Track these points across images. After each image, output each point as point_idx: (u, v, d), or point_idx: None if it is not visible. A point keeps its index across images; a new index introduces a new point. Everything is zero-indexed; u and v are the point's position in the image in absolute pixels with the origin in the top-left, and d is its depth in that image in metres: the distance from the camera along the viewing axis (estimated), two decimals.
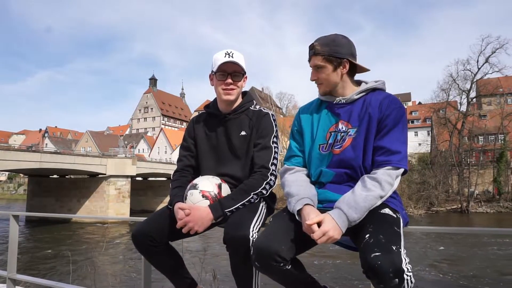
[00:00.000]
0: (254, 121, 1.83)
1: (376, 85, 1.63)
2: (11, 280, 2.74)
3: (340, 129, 1.59)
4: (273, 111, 1.87)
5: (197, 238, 8.34)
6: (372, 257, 1.21)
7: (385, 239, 1.27)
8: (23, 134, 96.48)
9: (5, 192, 78.05)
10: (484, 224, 28.47)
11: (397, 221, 1.43)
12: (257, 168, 1.76)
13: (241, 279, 1.60)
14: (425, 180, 37.06)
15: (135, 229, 1.71)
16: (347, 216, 1.38)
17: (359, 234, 1.37)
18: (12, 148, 32.69)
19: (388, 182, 1.44)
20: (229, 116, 1.87)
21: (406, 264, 1.22)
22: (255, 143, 1.81)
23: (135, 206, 37.20)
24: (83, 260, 12.89)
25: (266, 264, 1.39)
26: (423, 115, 58.56)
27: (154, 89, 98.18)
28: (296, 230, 1.46)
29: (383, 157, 1.49)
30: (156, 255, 1.72)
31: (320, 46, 1.58)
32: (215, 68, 1.79)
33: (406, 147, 1.53)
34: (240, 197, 1.67)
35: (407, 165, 1.51)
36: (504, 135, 39.29)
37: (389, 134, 1.51)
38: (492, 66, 38.05)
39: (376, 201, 1.42)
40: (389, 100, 1.56)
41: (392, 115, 1.52)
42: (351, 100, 1.60)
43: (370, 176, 1.47)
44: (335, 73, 1.59)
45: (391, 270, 1.18)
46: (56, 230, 25.36)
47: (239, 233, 1.49)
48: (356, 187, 1.46)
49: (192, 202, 1.66)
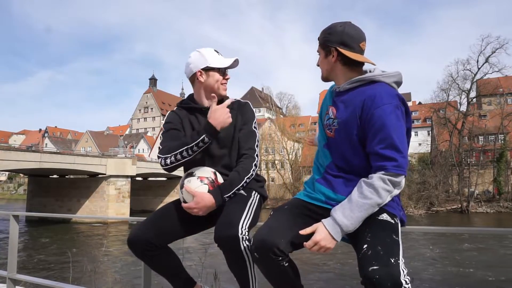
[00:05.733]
0: (236, 109, 1.87)
1: (374, 77, 1.50)
2: (11, 280, 2.74)
3: (330, 116, 1.60)
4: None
5: (197, 238, 8.33)
6: (370, 271, 1.20)
7: (383, 251, 1.25)
8: (23, 134, 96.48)
9: (5, 192, 78.05)
10: (484, 224, 28.47)
11: (395, 227, 1.40)
12: (244, 150, 1.81)
13: (237, 273, 1.64)
14: (425, 180, 37.07)
15: (131, 234, 1.69)
16: (341, 226, 1.36)
17: (356, 240, 1.37)
18: (12, 148, 32.67)
19: (386, 190, 1.38)
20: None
21: (404, 277, 1.21)
22: (240, 128, 1.85)
23: (135, 206, 37.19)
24: (83, 260, 12.88)
25: (264, 256, 1.40)
26: (423, 115, 58.52)
27: (154, 89, 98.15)
28: (296, 225, 1.46)
29: (377, 162, 1.40)
30: (154, 258, 1.73)
31: (320, 33, 1.61)
32: (219, 65, 1.84)
33: (402, 150, 1.39)
34: (236, 182, 1.72)
35: (405, 170, 1.40)
36: (504, 135, 39.31)
37: (378, 136, 1.40)
38: (492, 66, 38.18)
39: (373, 209, 1.39)
40: (377, 97, 1.43)
41: (377, 115, 1.40)
42: (343, 89, 1.57)
43: (367, 182, 1.40)
44: (326, 60, 1.59)
45: (390, 285, 1.17)
46: (56, 230, 25.37)
47: (229, 233, 1.52)
48: (353, 194, 1.41)
49: (191, 187, 1.68)
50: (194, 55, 1.87)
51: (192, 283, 1.84)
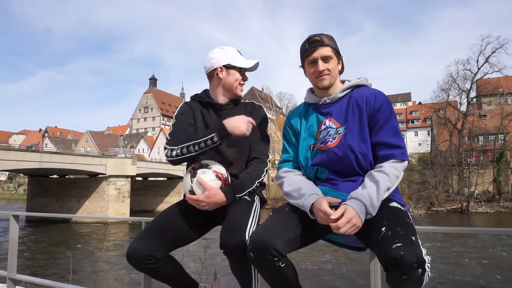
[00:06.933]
0: (249, 112, 1.86)
1: (359, 82, 1.67)
2: (11, 280, 2.74)
3: (327, 127, 1.61)
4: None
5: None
6: (394, 248, 1.20)
7: (403, 231, 1.27)
8: (23, 134, 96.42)
9: (5, 192, 78.01)
10: (484, 224, 28.46)
11: (407, 213, 1.44)
12: (256, 154, 1.81)
13: (241, 277, 1.62)
14: (425, 180, 37.02)
15: (130, 249, 1.61)
16: (366, 206, 1.37)
17: (371, 229, 1.36)
18: (12, 148, 32.66)
19: (395, 175, 1.47)
20: (225, 106, 1.89)
21: (425, 255, 1.22)
22: (252, 132, 1.81)
23: (135, 206, 37.19)
24: (83, 260, 12.87)
25: (261, 257, 1.39)
26: (423, 115, 58.57)
27: (154, 89, 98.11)
28: (295, 226, 1.46)
29: (387, 151, 1.51)
30: (155, 270, 1.67)
31: (328, 39, 1.62)
32: (241, 65, 1.86)
33: (403, 139, 1.56)
34: (248, 185, 1.72)
35: (408, 157, 1.54)
36: (504, 135, 39.26)
37: (385, 128, 1.54)
38: (492, 66, 38.07)
39: (386, 194, 1.44)
40: (375, 95, 1.59)
41: (383, 109, 1.56)
42: (336, 99, 1.64)
43: (377, 170, 1.48)
44: (337, 67, 1.66)
45: (415, 261, 1.17)
46: (56, 230, 25.35)
47: (235, 240, 1.49)
48: (366, 182, 1.46)
49: (205, 180, 1.64)
50: (217, 51, 1.86)
51: (195, 285, 1.83)
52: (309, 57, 1.63)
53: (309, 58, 1.63)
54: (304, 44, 1.65)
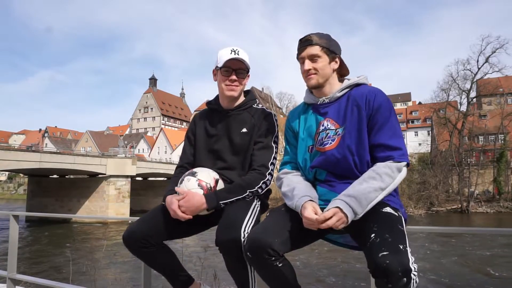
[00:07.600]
0: (256, 119, 1.83)
1: (358, 80, 1.64)
2: (11, 280, 2.74)
3: (326, 128, 1.60)
4: (274, 111, 1.84)
5: (197, 238, 8.31)
6: (380, 257, 1.20)
7: (391, 238, 1.27)
8: (23, 134, 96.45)
9: (5, 192, 78.04)
10: (484, 224, 28.45)
11: (400, 219, 1.43)
12: (256, 166, 1.76)
13: (236, 275, 1.62)
14: (425, 180, 37.03)
15: (126, 231, 1.67)
16: (351, 207, 1.36)
17: (363, 233, 1.36)
18: (12, 148, 32.66)
19: (387, 174, 1.44)
20: (231, 112, 1.87)
21: (412, 263, 1.22)
22: (256, 141, 1.80)
23: (135, 206, 37.17)
24: (83, 260, 12.89)
25: (258, 256, 1.38)
26: (423, 115, 58.58)
27: (154, 89, 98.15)
28: (292, 225, 1.46)
29: (386, 152, 1.49)
30: (149, 255, 1.70)
31: (318, 37, 1.61)
32: (220, 64, 1.80)
33: (403, 139, 1.53)
34: (236, 192, 1.68)
35: (408, 158, 1.50)
36: (504, 135, 39.28)
37: (384, 129, 1.51)
38: (492, 66, 38.11)
39: (376, 194, 1.41)
40: (375, 94, 1.55)
41: (382, 109, 1.52)
42: (334, 98, 1.62)
43: (370, 170, 1.47)
44: (329, 66, 1.62)
45: (400, 270, 1.17)
46: (56, 230, 25.36)
47: (230, 236, 1.49)
48: (355, 181, 1.46)
49: (187, 188, 1.66)
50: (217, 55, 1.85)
51: (191, 280, 1.83)
52: (298, 56, 1.64)
53: (298, 58, 1.65)
54: (298, 44, 1.66)
